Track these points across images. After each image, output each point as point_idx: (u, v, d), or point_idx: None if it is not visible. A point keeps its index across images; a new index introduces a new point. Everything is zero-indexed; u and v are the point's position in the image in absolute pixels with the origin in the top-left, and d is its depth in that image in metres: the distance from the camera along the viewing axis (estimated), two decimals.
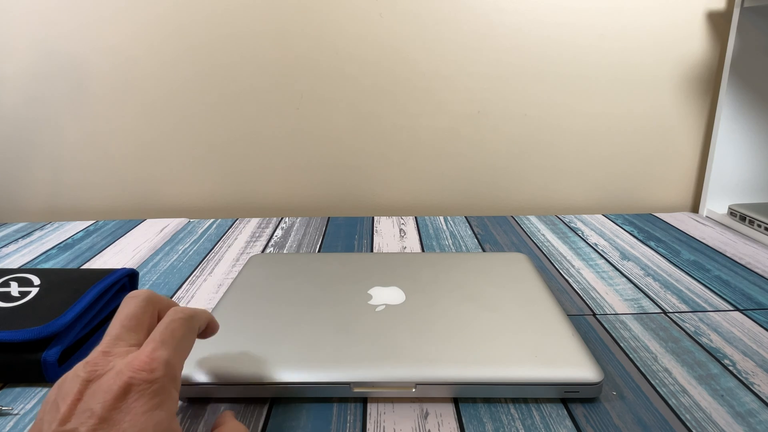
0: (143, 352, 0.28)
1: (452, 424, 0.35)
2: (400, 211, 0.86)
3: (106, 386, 0.26)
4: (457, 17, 0.77)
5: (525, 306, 0.45)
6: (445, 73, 0.80)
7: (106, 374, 0.27)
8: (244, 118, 0.82)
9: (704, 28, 0.78)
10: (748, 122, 0.76)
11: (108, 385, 0.26)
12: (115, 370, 0.27)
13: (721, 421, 0.36)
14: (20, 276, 0.47)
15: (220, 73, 0.80)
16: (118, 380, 0.26)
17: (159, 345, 0.29)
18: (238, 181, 0.85)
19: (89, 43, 0.78)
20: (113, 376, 0.27)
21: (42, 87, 0.79)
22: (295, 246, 0.67)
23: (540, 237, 0.70)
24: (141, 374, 0.27)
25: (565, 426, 0.35)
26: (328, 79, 0.80)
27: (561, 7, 0.77)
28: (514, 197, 0.86)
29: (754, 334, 0.46)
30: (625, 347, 0.44)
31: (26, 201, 0.85)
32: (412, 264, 0.53)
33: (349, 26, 0.78)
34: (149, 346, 0.29)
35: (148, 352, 0.28)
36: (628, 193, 0.86)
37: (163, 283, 0.57)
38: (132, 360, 0.27)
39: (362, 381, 0.37)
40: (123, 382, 0.26)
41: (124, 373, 0.27)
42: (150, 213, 0.86)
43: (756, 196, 0.79)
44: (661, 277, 0.58)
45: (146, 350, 0.28)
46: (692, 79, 0.81)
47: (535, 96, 0.81)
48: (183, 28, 0.78)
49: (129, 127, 0.82)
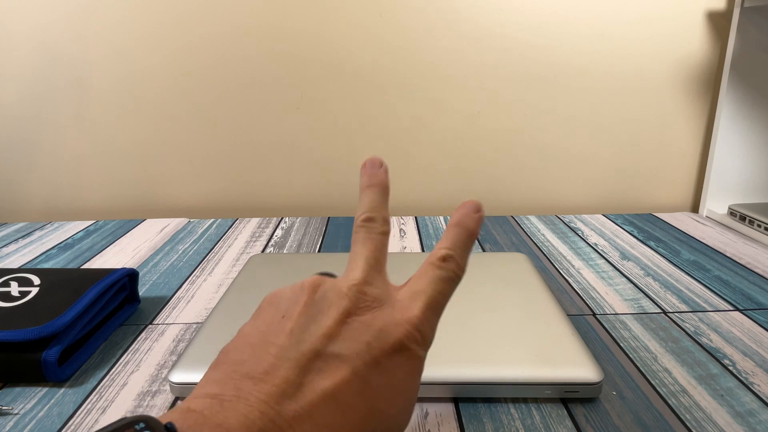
0: (414, 309, 0.24)
1: (452, 424, 0.35)
2: (400, 211, 0.86)
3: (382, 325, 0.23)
4: (457, 17, 0.77)
5: (525, 306, 0.45)
6: (445, 73, 0.80)
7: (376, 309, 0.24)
8: (245, 118, 0.82)
9: (704, 28, 0.78)
10: (748, 122, 0.76)
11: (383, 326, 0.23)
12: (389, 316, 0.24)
13: (721, 421, 0.36)
14: (20, 276, 0.47)
15: (220, 73, 0.80)
16: (396, 330, 0.23)
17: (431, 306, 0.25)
18: (238, 181, 0.85)
19: (89, 44, 0.78)
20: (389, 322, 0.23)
21: (42, 87, 0.79)
22: (295, 246, 0.67)
23: (540, 237, 0.70)
24: (418, 335, 0.24)
25: (565, 426, 0.35)
26: (328, 79, 0.80)
27: (561, 7, 0.77)
28: (514, 197, 0.86)
29: (754, 334, 0.46)
30: (625, 347, 0.44)
31: (26, 201, 0.85)
32: (412, 264, 0.53)
33: (350, 26, 0.78)
34: (420, 301, 0.25)
35: (420, 311, 0.24)
36: (628, 193, 0.86)
37: (163, 283, 0.57)
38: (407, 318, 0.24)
39: None
40: (402, 335, 0.23)
41: (401, 328, 0.23)
42: (150, 213, 0.86)
43: (756, 196, 0.79)
44: (661, 277, 0.58)
45: (418, 306, 0.25)
46: (692, 79, 0.81)
47: (535, 96, 0.81)
48: (183, 29, 0.78)
49: (129, 128, 0.82)
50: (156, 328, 0.48)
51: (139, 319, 0.50)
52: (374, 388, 0.22)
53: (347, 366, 0.21)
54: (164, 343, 0.45)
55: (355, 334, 0.22)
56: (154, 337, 0.46)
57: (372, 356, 0.22)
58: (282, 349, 0.22)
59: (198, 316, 0.50)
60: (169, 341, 0.46)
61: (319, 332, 0.22)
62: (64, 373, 0.40)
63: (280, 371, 0.21)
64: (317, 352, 0.22)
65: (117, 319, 0.48)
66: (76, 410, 0.37)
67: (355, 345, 0.22)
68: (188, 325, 0.48)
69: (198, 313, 0.51)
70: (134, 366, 0.42)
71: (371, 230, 0.28)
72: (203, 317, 0.50)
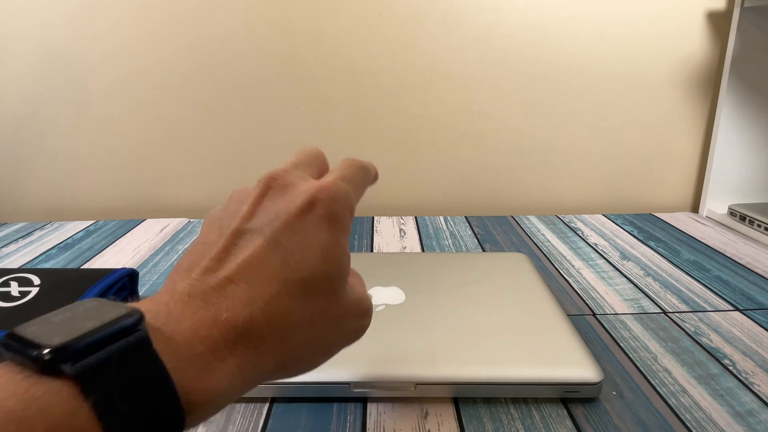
0: (326, 179, 0.27)
1: (452, 424, 0.35)
2: (400, 211, 0.86)
3: (292, 196, 0.26)
4: (457, 17, 0.77)
5: (525, 306, 0.45)
6: (445, 73, 0.80)
7: (288, 186, 0.27)
8: (245, 118, 0.82)
9: (704, 28, 0.78)
10: (748, 122, 0.76)
11: (292, 196, 0.26)
12: (299, 186, 0.27)
13: (721, 421, 0.36)
14: (20, 276, 0.47)
15: (221, 73, 0.80)
16: (303, 194, 0.26)
17: (341, 177, 0.28)
18: (239, 181, 0.85)
19: (89, 44, 0.78)
20: (299, 191, 0.26)
21: (42, 87, 0.79)
22: None
23: (540, 237, 0.70)
24: (325, 193, 0.26)
25: (565, 426, 0.35)
26: (329, 79, 0.80)
27: (561, 7, 0.77)
28: (514, 197, 0.86)
29: (753, 334, 0.46)
30: (625, 347, 0.44)
31: (26, 201, 0.85)
32: (412, 264, 0.53)
33: (350, 26, 0.78)
34: (332, 175, 0.28)
35: (332, 179, 0.27)
36: (628, 193, 0.86)
37: (163, 282, 0.57)
38: (316, 183, 0.27)
39: (362, 381, 0.37)
40: (309, 196, 0.26)
41: (309, 191, 0.26)
42: (150, 213, 0.86)
43: (756, 196, 0.79)
44: (661, 277, 0.58)
45: (329, 178, 0.27)
46: (692, 79, 0.81)
47: (535, 96, 0.81)
48: (183, 29, 0.78)
49: (129, 127, 0.82)
50: None
51: None
52: (286, 246, 0.24)
53: (260, 235, 0.24)
54: None
55: (267, 210, 0.26)
56: None
57: (281, 221, 0.25)
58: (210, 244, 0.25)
59: None
60: None
61: (237, 218, 0.25)
62: None
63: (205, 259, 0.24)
64: (236, 232, 0.25)
65: None
66: None
67: (267, 216, 0.25)
68: None
69: None
70: None
71: (348, 158, 0.31)
72: None
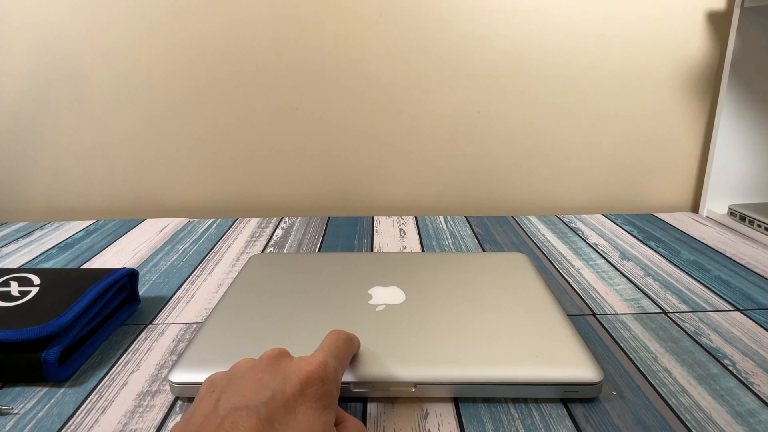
0: (317, 357, 0.30)
1: (452, 424, 0.35)
2: (400, 211, 0.86)
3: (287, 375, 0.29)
4: (456, 17, 0.77)
5: (525, 306, 0.45)
6: (445, 73, 0.80)
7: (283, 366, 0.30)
8: (245, 118, 0.82)
9: (704, 29, 0.78)
10: (748, 122, 0.76)
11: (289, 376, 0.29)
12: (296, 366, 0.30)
13: (721, 421, 0.36)
14: (20, 275, 0.47)
15: (220, 73, 0.80)
16: (299, 374, 0.29)
17: (330, 355, 0.31)
18: (238, 181, 0.85)
19: (89, 44, 0.78)
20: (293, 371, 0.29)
21: (42, 87, 0.79)
22: (295, 246, 0.67)
23: (540, 237, 0.70)
24: (317, 374, 0.29)
25: (565, 426, 0.35)
26: (329, 79, 0.80)
27: (561, 8, 0.77)
28: (514, 197, 0.86)
29: (754, 334, 0.46)
30: (625, 347, 0.44)
31: (26, 201, 0.85)
32: (412, 264, 0.53)
33: (349, 26, 0.78)
34: (321, 353, 0.31)
35: (321, 358, 0.30)
36: (628, 193, 0.86)
37: (163, 282, 0.57)
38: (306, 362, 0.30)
39: (362, 380, 0.37)
40: (303, 377, 0.29)
41: (303, 369, 0.29)
42: (150, 213, 0.86)
43: (756, 196, 0.79)
44: (661, 277, 0.58)
45: (319, 356, 0.31)
46: (692, 79, 0.81)
47: (535, 96, 0.81)
48: (183, 29, 0.78)
49: (129, 127, 0.82)
50: (156, 327, 0.48)
51: (139, 319, 0.50)
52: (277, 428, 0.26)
53: (255, 415, 0.26)
54: (164, 343, 0.45)
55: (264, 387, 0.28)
56: (154, 337, 0.46)
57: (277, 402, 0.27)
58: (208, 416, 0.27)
59: (198, 316, 0.50)
60: (169, 341, 0.46)
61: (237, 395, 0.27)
62: (64, 372, 0.40)
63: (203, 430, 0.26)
64: (233, 407, 0.26)
65: (117, 319, 0.48)
66: (76, 410, 0.37)
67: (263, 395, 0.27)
68: (188, 325, 0.48)
69: (198, 313, 0.51)
70: (134, 366, 0.42)
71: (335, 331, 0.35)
72: (203, 317, 0.50)
